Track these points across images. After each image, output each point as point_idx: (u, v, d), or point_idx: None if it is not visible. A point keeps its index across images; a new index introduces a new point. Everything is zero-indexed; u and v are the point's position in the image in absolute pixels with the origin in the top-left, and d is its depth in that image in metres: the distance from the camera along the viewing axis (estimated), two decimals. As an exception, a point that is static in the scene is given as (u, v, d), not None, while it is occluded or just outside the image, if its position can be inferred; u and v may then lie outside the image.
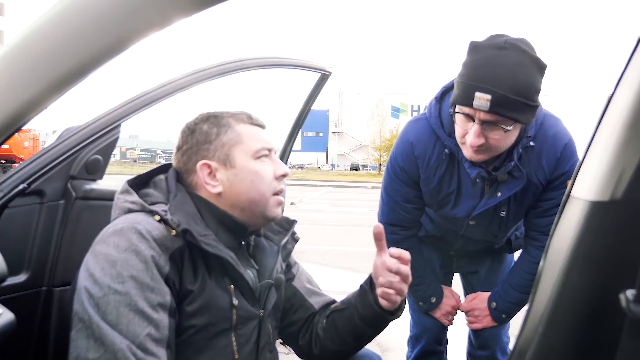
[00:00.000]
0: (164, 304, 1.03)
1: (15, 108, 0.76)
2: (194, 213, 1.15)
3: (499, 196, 1.63)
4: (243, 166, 1.18)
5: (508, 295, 1.80)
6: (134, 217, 1.09)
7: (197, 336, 1.11)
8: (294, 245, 1.36)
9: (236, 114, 1.23)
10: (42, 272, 1.44)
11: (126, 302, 0.99)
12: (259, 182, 1.19)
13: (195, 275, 1.11)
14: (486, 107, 1.37)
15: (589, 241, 1.04)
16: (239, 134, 1.20)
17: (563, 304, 1.08)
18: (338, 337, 1.33)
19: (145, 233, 1.04)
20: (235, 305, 1.15)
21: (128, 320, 0.98)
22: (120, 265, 1.01)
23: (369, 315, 1.28)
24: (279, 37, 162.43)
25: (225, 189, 1.18)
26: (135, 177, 1.22)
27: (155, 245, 1.04)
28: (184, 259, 1.09)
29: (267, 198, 1.20)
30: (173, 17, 0.69)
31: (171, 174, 1.22)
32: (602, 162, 1.03)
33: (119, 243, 1.03)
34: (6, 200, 1.24)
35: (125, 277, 1.00)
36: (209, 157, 1.18)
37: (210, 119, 1.22)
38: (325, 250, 7.14)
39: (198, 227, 1.12)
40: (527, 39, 1.44)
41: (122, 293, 0.99)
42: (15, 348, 1.36)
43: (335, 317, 1.35)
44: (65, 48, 0.71)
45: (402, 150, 1.71)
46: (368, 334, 1.32)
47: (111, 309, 0.98)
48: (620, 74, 1.00)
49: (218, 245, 1.12)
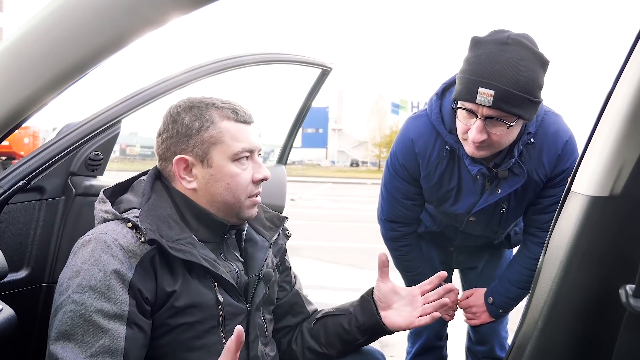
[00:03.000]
0: (121, 314, 1.01)
1: (15, 105, 0.76)
2: (168, 215, 1.13)
3: (499, 193, 1.63)
4: (220, 168, 1.16)
5: (506, 291, 1.81)
6: (103, 227, 1.09)
7: (186, 335, 1.11)
8: (285, 241, 1.37)
9: (222, 107, 1.18)
10: (42, 268, 1.44)
11: (81, 313, 0.99)
12: (234, 186, 1.17)
13: (174, 277, 1.10)
14: (489, 102, 1.37)
15: (588, 236, 1.05)
16: (220, 132, 1.16)
17: (562, 299, 1.08)
18: (326, 339, 1.37)
19: (110, 242, 1.04)
20: (220, 302, 1.14)
21: (83, 330, 0.98)
22: (82, 275, 1.01)
23: (369, 324, 1.34)
24: (278, 33, 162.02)
25: (200, 186, 1.17)
26: (114, 185, 1.22)
27: (120, 254, 1.04)
28: (155, 264, 1.07)
29: (241, 201, 1.18)
30: (172, 14, 0.69)
31: (149, 175, 1.21)
32: (601, 158, 1.03)
33: (84, 254, 1.04)
34: (6, 196, 1.24)
35: (85, 287, 1.00)
36: (187, 151, 1.15)
37: (193, 110, 1.17)
38: (325, 247, 7.15)
39: (171, 232, 1.10)
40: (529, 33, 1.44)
41: (78, 303, 0.99)
42: (15, 344, 1.36)
43: (328, 322, 1.38)
44: (65, 45, 0.71)
45: (402, 147, 1.70)
46: (360, 342, 1.36)
47: (66, 319, 0.99)
48: (620, 70, 1.00)
49: (191, 250, 1.10)
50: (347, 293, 4.64)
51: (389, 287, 1.35)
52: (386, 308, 1.35)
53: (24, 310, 1.29)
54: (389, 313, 1.35)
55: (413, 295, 1.36)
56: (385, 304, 1.35)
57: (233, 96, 1.24)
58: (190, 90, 1.63)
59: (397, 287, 1.36)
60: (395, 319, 1.34)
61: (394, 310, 1.35)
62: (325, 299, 4.31)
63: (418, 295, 1.35)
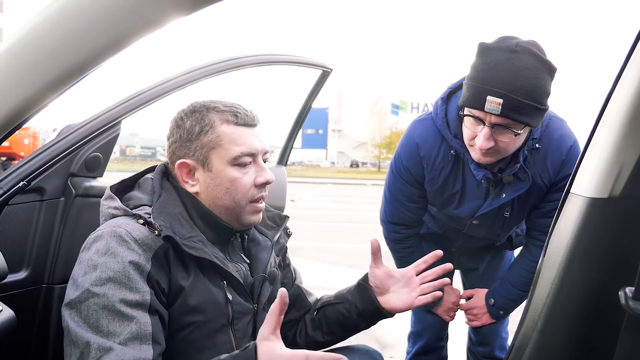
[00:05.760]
0: (143, 302, 1.02)
1: (15, 106, 0.76)
2: (179, 214, 1.15)
3: (503, 197, 1.63)
4: (219, 172, 1.16)
5: (507, 293, 1.81)
6: (114, 221, 1.09)
7: (196, 334, 1.11)
8: (286, 240, 1.38)
9: (223, 110, 1.18)
10: (42, 269, 1.44)
11: (104, 304, 0.99)
12: (234, 190, 1.17)
13: (187, 272, 1.11)
14: (498, 110, 1.36)
15: (588, 238, 1.05)
16: (219, 137, 1.16)
17: (562, 301, 1.08)
18: (328, 328, 1.40)
19: (124, 235, 1.05)
20: (230, 300, 1.16)
21: (108, 321, 0.99)
22: (100, 268, 1.02)
23: (369, 310, 1.36)
24: (279, 34, 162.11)
25: (202, 190, 1.18)
26: (119, 182, 1.22)
27: (136, 246, 1.05)
28: (169, 256, 1.09)
29: (242, 206, 1.19)
30: (173, 15, 0.69)
31: (157, 172, 1.22)
32: (601, 159, 1.03)
33: (99, 248, 1.04)
34: (6, 197, 1.24)
35: (104, 279, 1.01)
36: (189, 155, 1.17)
37: (195, 114, 1.18)
38: (324, 247, 7.15)
39: (182, 229, 1.12)
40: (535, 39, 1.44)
41: (100, 295, 0.99)
42: (15, 345, 1.36)
43: (327, 311, 1.40)
44: (65, 46, 0.71)
45: (407, 150, 1.70)
46: (361, 328, 1.40)
47: (91, 312, 0.99)
48: (619, 71, 1.00)
49: (203, 247, 1.12)
50: (347, 294, 4.65)
51: (383, 272, 1.36)
52: (383, 293, 1.37)
53: (24, 311, 1.29)
54: (386, 297, 1.36)
55: (408, 276, 1.37)
56: (381, 289, 1.37)
57: (234, 97, 1.24)
58: (191, 91, 1.63)
59: (391, 271, 1.38)
60: (394, 302, 1.36)
61: (392, 294, 1.37)
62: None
63: (413, 275, 1.37)
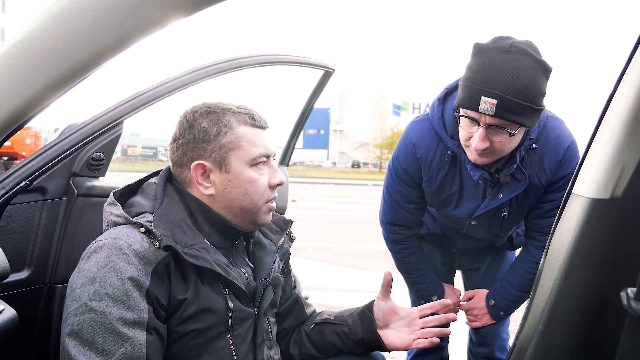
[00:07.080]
0: (141, 321, 1.01)
1: (17, 106, 0.76)
2: (181, 220, 1.13)
3: (500, 198, 1.63)
4: (238, 173, 1.16)
5: (507, 294, 1.81)
6: (116, 232, 1.07)
7: (195, 341, 1.11)
8: (290, 244, 1.38)
9: (239, 112, 1.18)
10: (44, 269, 1.44)
11: (101, 321, 0.98)
12: (252, 191, 1.17)
13: (187, 284, 1.09)
14: (492, 111, 1.36)
15: (589, 239, 1.05)
16: (238, 138, 1.15)
17: (563, 302, 1.08)
18: (323, 346, 1.40)
19: (125, 248, 1.03)
20: (230, 308, 1.15)
21: (103, 339, 0.98)
22: (98, 282, 1.00)
23: (368, 340, 1.36)
24: (281, 35, 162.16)
25: (217, 192, 1.16)
26: (123, 187, 1.21)
27: (136, 260, 1.03)
28: (170, 269, 1.07)
29: (259, 207, 1.19)
30: (174, 16, 0.69)
31: (161, 177, 1.20)
32: (602, 161, 1.03)
33: (99, 260, 1.03)
34: (8, 197, 1.24)
35: (103, 295, 0.99)
36: (204, 157, 1.15)
37: (210, 115, 1.16)
38: (326, 248, 7.15)
39: (184, 237, 1.10)
40: (531, 39, 1.43)
41: (97, 311, 0.98)
42: (17, 344, 1.36)
43: (325, 329, 1.40)
44: (68, 46, 0.72)
45: (404, 151, 1.70)
46: (353, 353, 1.39)
47: (87, 327, 0.98)
48: (620, 73, 1.00)
49: (205, 255, 1.11)
50: (348, 294, 4.65)
51: (389, 306, 1.37)
52: (383, 327, 1.37)
53: (26, 310, 1.29)
54: (386, 332, 1.37)
55: (412, 317, 1.37)
56: (383, 322, 1.37)
57: (236, 98, 1.24)
58: (192, 91, 1.64)
59: (396, 308, 1.38)
60: (392, 339, 1.36)
61: (392, 330, 1.37)
62: (326, 299, 4.32)
63: (417, 317, 1.37)
